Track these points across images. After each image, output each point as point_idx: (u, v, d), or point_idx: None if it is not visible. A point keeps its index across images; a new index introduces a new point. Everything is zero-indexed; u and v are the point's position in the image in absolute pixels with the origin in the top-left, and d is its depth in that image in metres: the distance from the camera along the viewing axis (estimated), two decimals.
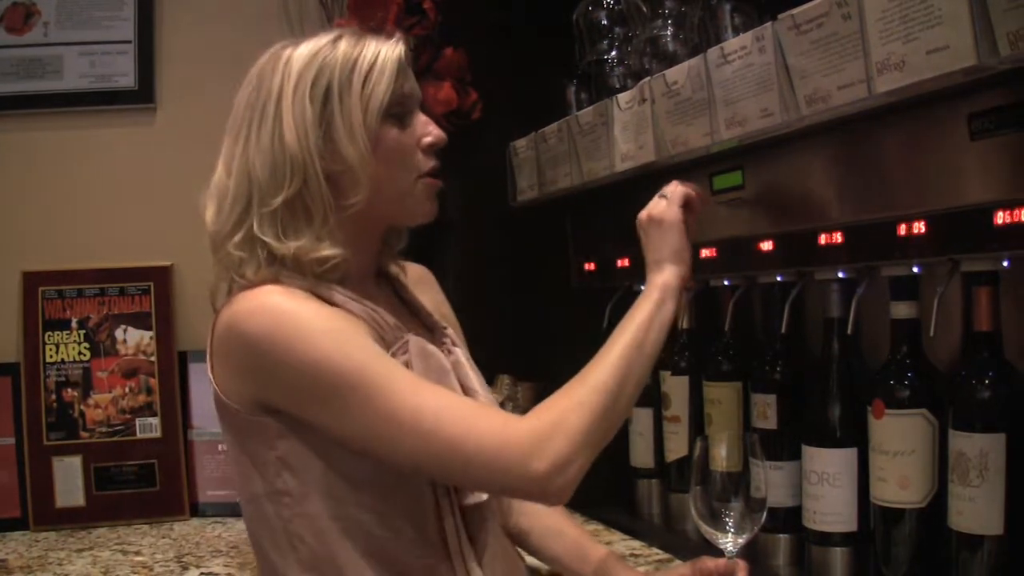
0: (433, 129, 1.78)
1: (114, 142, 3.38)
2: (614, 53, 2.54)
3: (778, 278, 2.20)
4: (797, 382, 2.19)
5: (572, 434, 1.60)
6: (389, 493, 1.68)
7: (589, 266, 2.95)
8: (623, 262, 2.71)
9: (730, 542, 1.80)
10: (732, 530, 1.80)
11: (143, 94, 3.39)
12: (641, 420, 2.73)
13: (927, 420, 1.85)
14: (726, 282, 2.36)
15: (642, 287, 1.83)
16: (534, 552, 2.08)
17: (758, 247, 2.16)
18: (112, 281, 3.27)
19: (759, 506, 1.79)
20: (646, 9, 2.33)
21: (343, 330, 1.65)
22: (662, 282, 1.81)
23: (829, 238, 1.96)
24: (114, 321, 3.25)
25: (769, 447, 2.09)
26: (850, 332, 2.00)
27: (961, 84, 1.53)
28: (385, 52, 1.74)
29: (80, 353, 3.22)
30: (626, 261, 2.69)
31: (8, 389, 3.20)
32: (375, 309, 1.75)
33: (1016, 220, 1.57)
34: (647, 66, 2.31)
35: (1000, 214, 1.59)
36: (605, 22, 2.57)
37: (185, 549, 2.81)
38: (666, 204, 1.87)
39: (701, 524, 1.82)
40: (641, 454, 2.75)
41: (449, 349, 1.87)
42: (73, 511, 3.16)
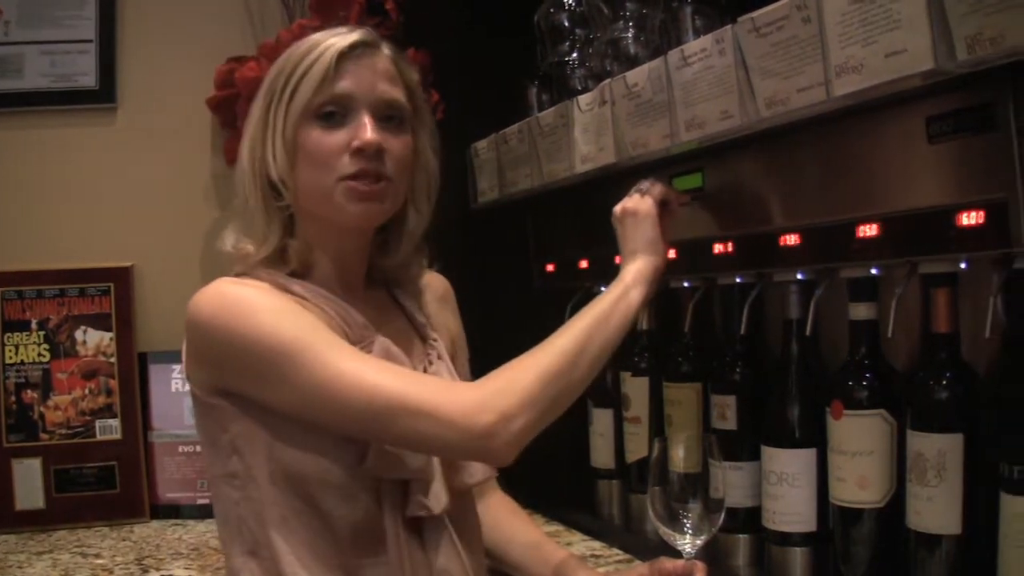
0: (362, 133, 1.73)
1: (75, 142, 3.37)
2: (575, 55, 2.55)
3: (737, 280, 2.20)
4: (756, 383, 2.20)
5: (520, 391, 1.63)
6: (328, 489, 1.68)
7: (550, 267, 2.95)
8: (584, 263, 2.71)
9: (688, 543, 1.81)
10: (690, 531, 1.80)
11: (104, 94, 3.37)
12: (601, 421, 2.73)
13: (885, 421, 1.86)
14: (686, 283, 2.36)
15: (603, 288, 1.84)
16: (493, 558, 2.08)
17: (718, 249, 2.16)
18: (72, 282, 3.25)
19: (717, 507, 1.80)
20: (607, 11, 2.33)
21: (284, 308, 1.69)
22: (635, 269, 1.85)
23: (788, 240, 1.97)
24: (74, 322, 3.23)
25: (728, 448, 2.10)
26: (809, 333, 2.01)
27: (919, 87, 1.55)
28: (326, 47, 1.74)
29: (40, 354, 3.20)
30: (586, 262, 2.70)
31: None
32: (344, 307, 1.77)
33: (974, 222, 1.58)
34: (608, 68, 2.31)
35: (958, 216, 1.60)
36: (566, 24, 2.57)
37: (145, 551, 2.79)
38: (640, 197, 1.89)
39: (659, 525, 1.83)
40: (602, 455, 2.75)
41: (431, 360, 1.87)
42: (33, 513, 3.14)
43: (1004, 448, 1.63)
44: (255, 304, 1.67)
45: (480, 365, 1.80)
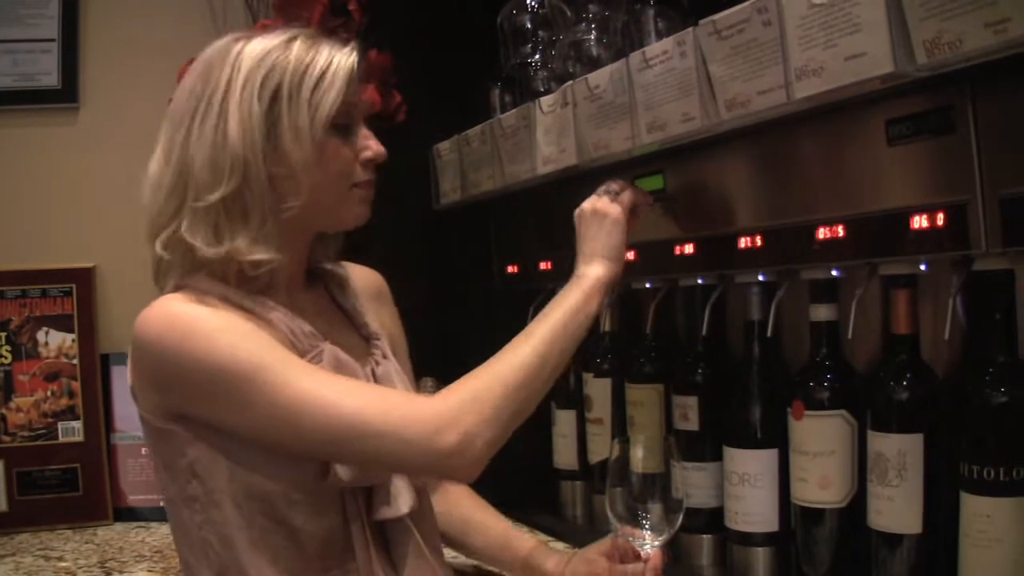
0: (374, 144, 1.77)
1: (36, 142, 3.36)
2: (538, 56, 2.55)
3: (699, 281, 2.21)
4: (718, 384, 2.20)
5: (482, 409, 1.60)
6: (295, 505, 1.66)
7: (512, 268, 2.95)
8: (545, 264, 2.71)
9: (648, 543, 1.81)
10: (649, 531, 1.80)
11: (66, 93, 3.36)
12: (564, 422, 2.73)
13: (846, 421, 1.87)
14: (648, 285, 2.37)
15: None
16: (463, 550, 2.09)
17: (679, 250, 2.17)
18: (34, 283, 3.23)
19: (677, 507, 1.80)
20: (570, 13, 2.33)
21: (236, 328, 1.65)
22: (595, 275, 1.83)
23: (749, 241, 1.97)
24: (36, 323, 3.21)
25: (691, 448, 2.11)
26: (770, 334, 2.02)
27: (879, 90, 1.56)
28: (338, 61, 1.73)
29: (1, 356, 3.18)
30: (548, 264, 2.70)
31: None
32: (290, 316, 1.74)
33: (933, 224, 1.59)
34: (570, 70, 2.31)
35: (917, 218, 1.61)
36: (529, 26, 2.57)
37: (108, 554, 2.79)
38: (610, 200, 1.89)
39: (619, 525, 1.83)
40: (564, 456, 2.76)
41: (378, 360, 1.85)
42: None
43: (964, 448, 1.64)
44: (206, 325, 1.63)
45: (442, 366, 1.81)
